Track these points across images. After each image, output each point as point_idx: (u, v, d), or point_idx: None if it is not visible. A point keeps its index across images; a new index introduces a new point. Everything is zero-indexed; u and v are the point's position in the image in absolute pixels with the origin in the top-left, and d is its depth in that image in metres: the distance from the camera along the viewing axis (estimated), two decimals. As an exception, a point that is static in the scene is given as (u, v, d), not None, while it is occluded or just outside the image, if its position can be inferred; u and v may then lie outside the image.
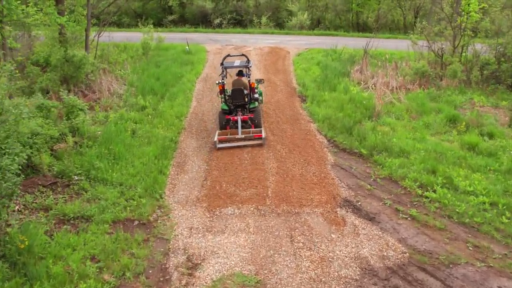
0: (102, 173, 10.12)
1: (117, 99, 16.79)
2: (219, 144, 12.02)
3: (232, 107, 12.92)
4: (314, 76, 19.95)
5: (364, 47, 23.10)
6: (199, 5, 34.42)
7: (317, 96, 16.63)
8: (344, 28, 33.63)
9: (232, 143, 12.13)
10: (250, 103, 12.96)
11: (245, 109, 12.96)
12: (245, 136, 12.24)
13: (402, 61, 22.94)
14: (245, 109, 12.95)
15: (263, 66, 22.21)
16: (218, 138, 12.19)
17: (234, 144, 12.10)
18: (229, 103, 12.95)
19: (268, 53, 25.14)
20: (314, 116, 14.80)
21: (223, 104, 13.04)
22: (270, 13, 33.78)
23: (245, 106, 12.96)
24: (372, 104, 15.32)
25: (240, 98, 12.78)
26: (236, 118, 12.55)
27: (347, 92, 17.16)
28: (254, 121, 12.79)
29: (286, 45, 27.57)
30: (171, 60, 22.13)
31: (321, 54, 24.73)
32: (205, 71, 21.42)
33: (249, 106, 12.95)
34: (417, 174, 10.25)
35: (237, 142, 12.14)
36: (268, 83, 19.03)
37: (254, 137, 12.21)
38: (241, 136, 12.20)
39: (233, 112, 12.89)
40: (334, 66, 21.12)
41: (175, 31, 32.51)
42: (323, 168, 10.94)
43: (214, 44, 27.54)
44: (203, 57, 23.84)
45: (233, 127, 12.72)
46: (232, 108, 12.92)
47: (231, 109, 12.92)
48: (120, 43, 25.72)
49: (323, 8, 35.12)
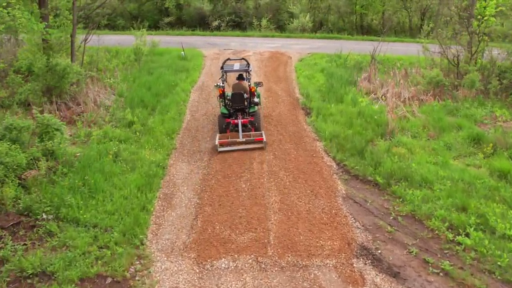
0: (74, 212, 8.46)
1: (104, 111, 15.14)
2: (220, 148, 11.72)
3: (232, 110, 12.61)
4: (318, 84, 18.29)
5: (371, 53, 21.48)
6: (196, 6, 32.72)
7: (323, 109, 14.97)
8: (347, 31, 31.96)
9: (234, 147, 11.83)
10: (250, 107, 12.67)
11: (245, 113, 12.67)
12: (246, 139, 11.95)
13: (411, 68, 21.34)
14: (245, 113, 12.66)
15: (264, 73, 20.55)
16: (219, 141, 11.85)
17: (236, 147, 11.81)
18: (229, 106, 12.62)
19: (268, 58, 23.46)
20: (320, 133, 13.15)
21: (223, 107, 12.74)
22: (271, 15, 32.10)
23: (244, 110, 12.65)
24: (385, 119, 13.67)
25: (240, 102, 12.50)
26: (237, 121, 12.30)
27: (355, 104, 15.52)
28: (254, 125, 12.53)
29: (287, 49, 25.91)
30: (165, 67, 20.46)
31: (325, 59, 23.08)
32: (201, 79, 19.75)
33: (249, 110, 12.68)
34: (445, 212, 8.60)
35: (238, 146, 11.86)
36: (269, 93, 17.37)
37: (255, 140, 11.94)
38: (242, 139, 11.91)
39: (233, 115, 12.60)
40: (340, 74, 19.45)
41: (171, 34, 30.83)
42: (334, 201, 9.29)
43: (212, 48, 25.86)
44: (200, 63, 22.16)
45: (233, 131, 12.46)
46: (231, 112, 12.61)
47: (231, 113, 12.61)
48: (113, 47, 24.08)
49: (326, 10, 33.43)
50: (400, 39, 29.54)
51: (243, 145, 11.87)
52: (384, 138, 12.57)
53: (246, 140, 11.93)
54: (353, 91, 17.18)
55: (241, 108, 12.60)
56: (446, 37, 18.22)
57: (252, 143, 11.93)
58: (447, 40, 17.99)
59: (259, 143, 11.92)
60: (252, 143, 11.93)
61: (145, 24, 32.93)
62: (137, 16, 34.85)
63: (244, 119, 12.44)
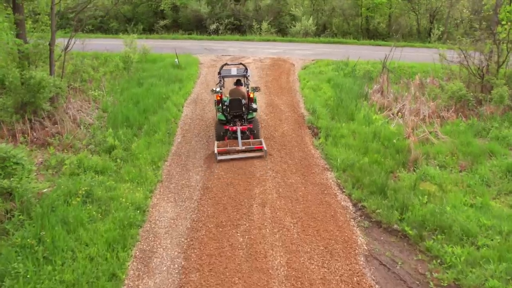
0: (20, 286, 6.46)
1: (83, 131, 13.16)
2: (219, 156, 11.16)
3: (230, 117, 12.04)
4: (326, 97, 16.27)
5: (381, 60, 19.47)
6: (193, 9, 30.66)
7: (332, 129, 12.97)
8: (352, 35, 29.92)
9: (233, 155, 11.29)
10: (248, 113, 12.12)
11: (243, 120, 12.12)
12: (246, 147, 11.39)
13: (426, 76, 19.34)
14: (243, 120, 12.11)
15: (264, 83, 18.53)
16: (218, 150, 11.26)
17: (235, 156, 11.26)
18: (226, 113, 12.01)
19: (270, 66, 21.43)
20: (331, 160, 11.15)
21: (220, 114, 12.13)
22: (272, 18, 30.05)
23: (243, 117, 12.11)
24: (405, 143, 11.68)
25: (239, 108, 11.95)
26: (235, 128, 11.74)
27: (369, 122, 13.52)
28: (253, 132, 11.99)
29: (289, 55, 23.88)
30: (156, 77, 18.43)
31: (331, 67, 21.05)
32: (195, 91, 17.73)
33: (247, 117, 12.13)
34: (500, 283, 6.61)
35: (238, 154, 11.31)
36: (271, 108, 15.36)
37: (255, 148, 11.41)
38: (242, 147, 11.34)
39: (230, 122, 12.03)
40: (349, 85, 17.43)
41: (166, 37, 28.79)
42: (354, 263, 7.29)
43: (209, 54, 23.81)
44: (195, 72, 20.13)
45: (230, 138, 11.89)
46: (229, 118, 12.03)
47: (228, 119, 12.03)
48: (103, 53, 22.04)
49: (329, 13, 31.37)
50: (409, 44, 27.48)
51: (242, 154, 11.28)
52: (407, 168, 10.57)
53: (246, 148, 11.35)
54: (365, 106, 15.18)
55: (239, 115, 12.02)
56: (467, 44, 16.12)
57: (252, 151, 11.38)
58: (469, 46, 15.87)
59: (259, 152, 11.36)
60: (252, 151, 11.37)
61: (139, 27, 31.05)
62: (132, 18, 32.81)
63: (243, 126, 11.85)
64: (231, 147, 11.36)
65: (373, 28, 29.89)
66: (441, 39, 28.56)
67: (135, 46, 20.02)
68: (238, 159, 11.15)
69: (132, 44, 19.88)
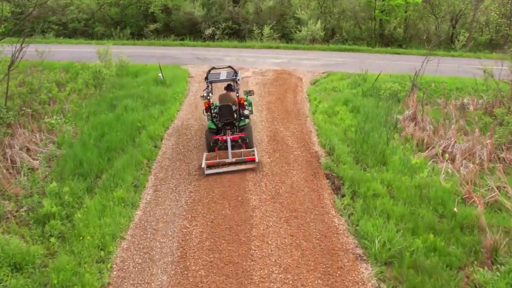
0: None
1: (23, 180, 9.49)
2: (207, 170, 10.03)
3: (220, 125, 11.04)
4: (344, 126, 12.53)
5: (410, 76, 15.73)
6: (187, 11, 26.81)
7: (360, 182, 9.20)
8: (365, 40, 26.08)
9: (222, 169, 10.18)
10: (239, 120, 11.09)
11: (235, 127, 11.14)
12: (236, 159, 10.29)
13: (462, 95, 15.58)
14: (234, 127, 11.13)
15: (266, 105, 14.76)
16: (206, 163, 10.13)
17: (225, 169, 10.15)
18: (216, 120, 11.00)
19: (272, 81, 17.63)
20: (364, 241, 7.39)
21: (210, 122, 11.12)
22: (274, 22, 26.20)
23: (234, 124, 11.10)
24: (469, 212, 7.91)
25: (229, 115, 10.93)
26: (225, 138, 10.57)
27: (408, 169, 9.76)
28: (245, 141, 10.87)
29: (295, 66, 20.08)
30: (133, 97, 14.65)
31: (346, 82, 17.25)
32: (181, 116, 13.95)
33: (239, 124, 11.13)
34: None
35: (228, 167, 10.22)
36: (274, 143, 11.62)
37: (246, 160, 10.29)
38: (232, 159, 10.27)
39: (221, 131, 11.02)
40: (371, 109, 13.65)
41: (155, 44, 24.96)
42: None
43: (201, 64, 20.00)
44: (182, 89, 16.32)
45: (222, 148, 10.69)
46: (220, 127, 11.03)
47: (219, 128, 11.03)
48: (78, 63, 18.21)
49: (339, 16, 27.50)
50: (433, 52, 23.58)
51: (233, 166, 10.21)
52: (485, 264, 6.80)
53: (236, 160, 10.27)
54: (397, 141, 11.43)
55: (230, 122, 11.02)
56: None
57: (243, 163, 10.24)
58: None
59: (250, 163, 10.19)
60: (243, 163, 10.24)
61: (126, 31, 27.28)
62: (119, 22, 29.01)
63: (234, 135, 10.82)
64: (221, 160, 10.17)
65: (388, 33, 26.01)
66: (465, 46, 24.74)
67: (110, 57, 16.22)
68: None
69: (107, 54, 16.08)
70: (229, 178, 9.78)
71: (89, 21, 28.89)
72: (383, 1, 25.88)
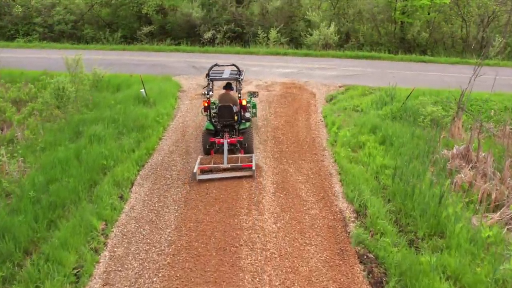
0: None
1: None
2: (199, 176, 8.86)
3: (219, 126, 9.85)
4: (376, 167, 9.28)
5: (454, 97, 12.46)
6: (184, 12, 23.56)
7: (413, 275, 5.93)
8: (384, 46, 22.69)
9: (216, 174, 8.97)
10: (240, 123, 9.84)
11: (234, 130, 9.93)
12: (232, 165, 9.10)
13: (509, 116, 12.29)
14: (234, 130, 9.93)
15: (272, 131, 11.52)
16: (199, 167, 8.99)
17: (218, 175, 8.93)
18: (215, 121, 9.78)
19: (280, 97, 14.37)
20: None
21: (208, 123, 9.92)
22: (282, 25, 22.88)
23: (234, 126, 9.91)
24: None
25: (229, 116, 9.76)
26: (222, 141, 9.54)
27: (477, 246, 6.49)
28: (244, 145, 9.73)
29: (307, 77, 16.79)
30: (106, 120, 11.44)
31: (369, 99, 13.95)
32: (162, 147, 10.71)
33: (239, 127, 9.90)
34: None
35: (222, 174, 9.00)
36: (283, 197, 8.34)
37: (242, 167, 9.07)
38: (227, 165, 9.09)
39: (220, 133, 9.86)
40: (408, 141, 10.37)
41: (148, 49, 21.72)
42: None
43: (196, 75, 16.77)
44: (169, 109, 13.08)
45: (218, 152, 9.66)
46: (218, 128, 9.86)
47: (218, 129, 9.86)
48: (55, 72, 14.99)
49: (354, 17, 24.09)
50: (464, 60, 20.21)
51: (227, 173, 9.02)
52: None
53: (232, 166, 9.08)
54: (454, 195, 8.13)
55: (229, 124, 9.86)
56: None
57: (239, 170, 9.04)
58: None
59: (247, 171, 8.99)
60: (239, 170, 9.04)
61: (117, 35, 24.13)
62: (111, 23, 25.87)
63: (232, 138, 9.71)
64: (216, 164, 9.21)
65: (411, 37, 22.56)
66: (500, 53, 21.28)
67: (82, 68, 13.02)
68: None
69: (78, 64, 12.89)
70: (216, 267, 6.54)
71: (78, 23, 25.75)
72: (405, 1, 22.47)
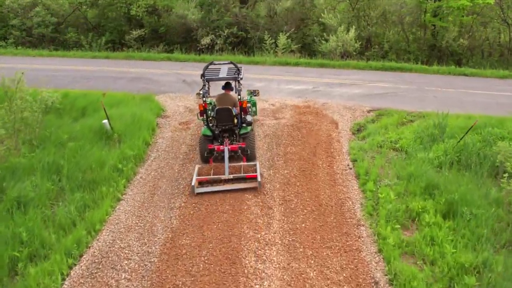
0: None
1: None
2: (198, 189, 7.88)
3: (217, 131, 8.89)
4: (448, 272, 5.52)
5: None
6: (179, 14, 19.92)
7: None
8: (413, 54, 18.86)
9: (217, 187, 7.92)
10: (240, 127, 8.88)
11: (234, 135, 9.01)
12: (234, 176, 8.06)
13: None
14: (234, 135, 9.00)
15: (280, 188, 7.89)
16: (197, 179, 7.98)
17: (219, 188, 7.90)
18: (213, 126, 8.90)
19: (292, 129, 10.63)
20: None
21: (205, 128, 8.94)
22: (293, 29, 19.14)
23: (234, 131, 8.94)
24: None
25: (228, 120, 8.83)
26: (223, 148, 8.57)
27: None
28: (246, 152, 8.73)
29: (325, 96, 13.04)
30: (45, 170, 7.86)
31: (411, 132, 10.21)
32: (117, 217, 7.04)
33: (239, 131, 8.95)
34: None
35: (223, 186, 7.95)
36: None
37: (247, 177, 7.99)
38: (229, 176, 8.04)
39: (218, 138, 8.89)
40: (482, 209, 6.66)
41: (134, 57, 18.11)
42: None
43: (185, 94, 13.11)
44: (140, 148, 9.40)
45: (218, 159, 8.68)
46: (217, 133, 8.88)
47: (216, 135, 8.87)
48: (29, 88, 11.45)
49: (378, 20, 20.25)
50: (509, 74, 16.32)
51: (229, 185, 7.89)
52: None
53: (234, 177, 8.04)
54: None
55: (229, 128, 8.87)
56: None
57: (243, 181, 7.93)
58: None
59: (251, 182, 7.85)
60: (242, 182, 7.92)
61: (101, 40, 20.58)
62: (97, 26, 22.33)
63: (233, 144, 8.73)
64: (216, 176, 7.98)
65: (446, 45, 18.67)
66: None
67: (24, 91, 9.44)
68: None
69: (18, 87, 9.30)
70: None
71: (61, 25, 22.25)
72: (439, 1, 18.63)
